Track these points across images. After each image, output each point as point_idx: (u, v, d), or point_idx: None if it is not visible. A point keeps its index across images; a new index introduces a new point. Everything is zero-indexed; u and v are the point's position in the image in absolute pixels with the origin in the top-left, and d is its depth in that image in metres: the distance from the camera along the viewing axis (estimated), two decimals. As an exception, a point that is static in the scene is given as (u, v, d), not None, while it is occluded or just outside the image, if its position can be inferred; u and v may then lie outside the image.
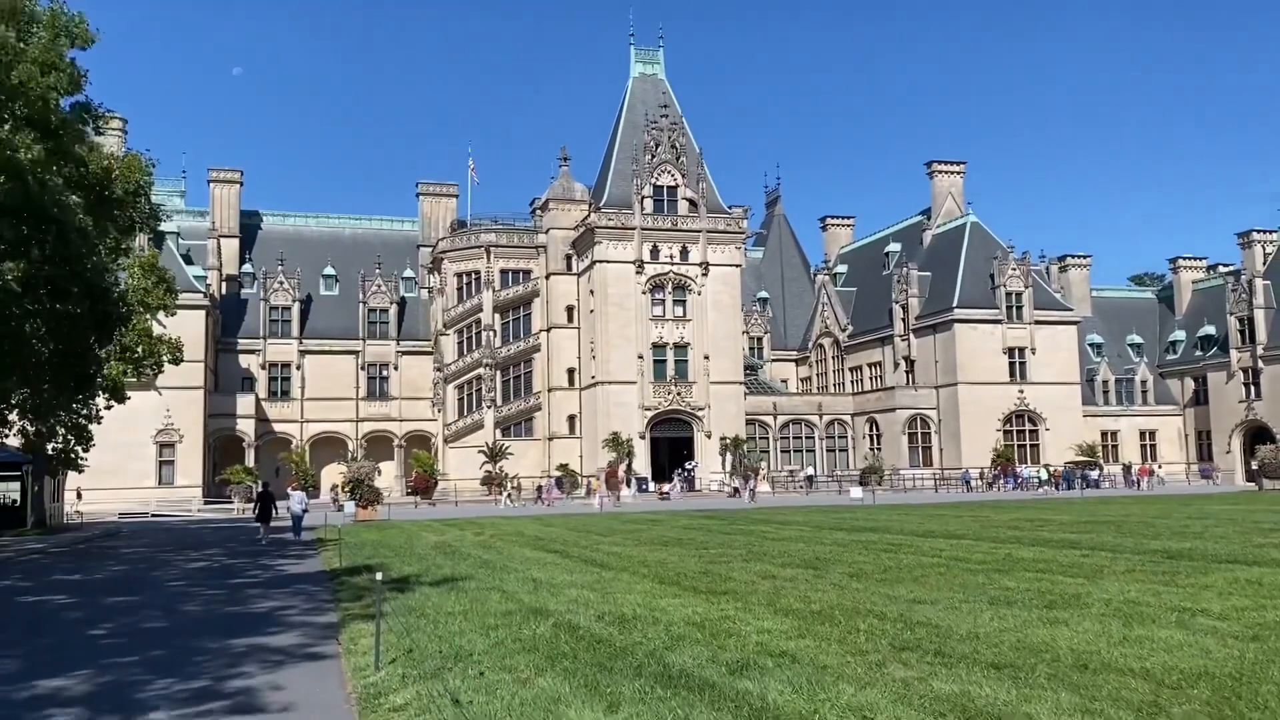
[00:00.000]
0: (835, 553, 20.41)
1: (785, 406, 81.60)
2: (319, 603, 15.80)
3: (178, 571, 22.05)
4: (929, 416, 78.19)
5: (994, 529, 26.79)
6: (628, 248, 71.27)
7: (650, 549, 22.74)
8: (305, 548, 28.53)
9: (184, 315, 63.87)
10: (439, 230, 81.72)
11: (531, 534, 29.72)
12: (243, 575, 20.80)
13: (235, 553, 27.23)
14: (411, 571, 18.91)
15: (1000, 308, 77.54)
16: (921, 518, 33.27)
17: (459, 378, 75.38)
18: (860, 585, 14.88)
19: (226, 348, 75.34)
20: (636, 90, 78.04)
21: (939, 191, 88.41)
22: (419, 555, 22.75)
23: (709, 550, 21.99)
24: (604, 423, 69.34)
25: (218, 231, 77.82)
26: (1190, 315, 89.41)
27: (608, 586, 15.46)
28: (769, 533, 27.05)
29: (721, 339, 72.64)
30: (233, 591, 17.76)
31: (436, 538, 29.48)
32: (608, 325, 70.35)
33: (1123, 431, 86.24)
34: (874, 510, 39.91)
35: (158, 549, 29.52)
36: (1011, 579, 15.30)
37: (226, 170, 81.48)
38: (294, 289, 76.38)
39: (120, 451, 62.91)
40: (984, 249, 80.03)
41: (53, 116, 25.95)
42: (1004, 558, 18.46)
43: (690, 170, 73.41)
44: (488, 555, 22.21)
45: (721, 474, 70.76)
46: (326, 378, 76.49)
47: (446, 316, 76.17)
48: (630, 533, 29.15)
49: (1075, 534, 24.01)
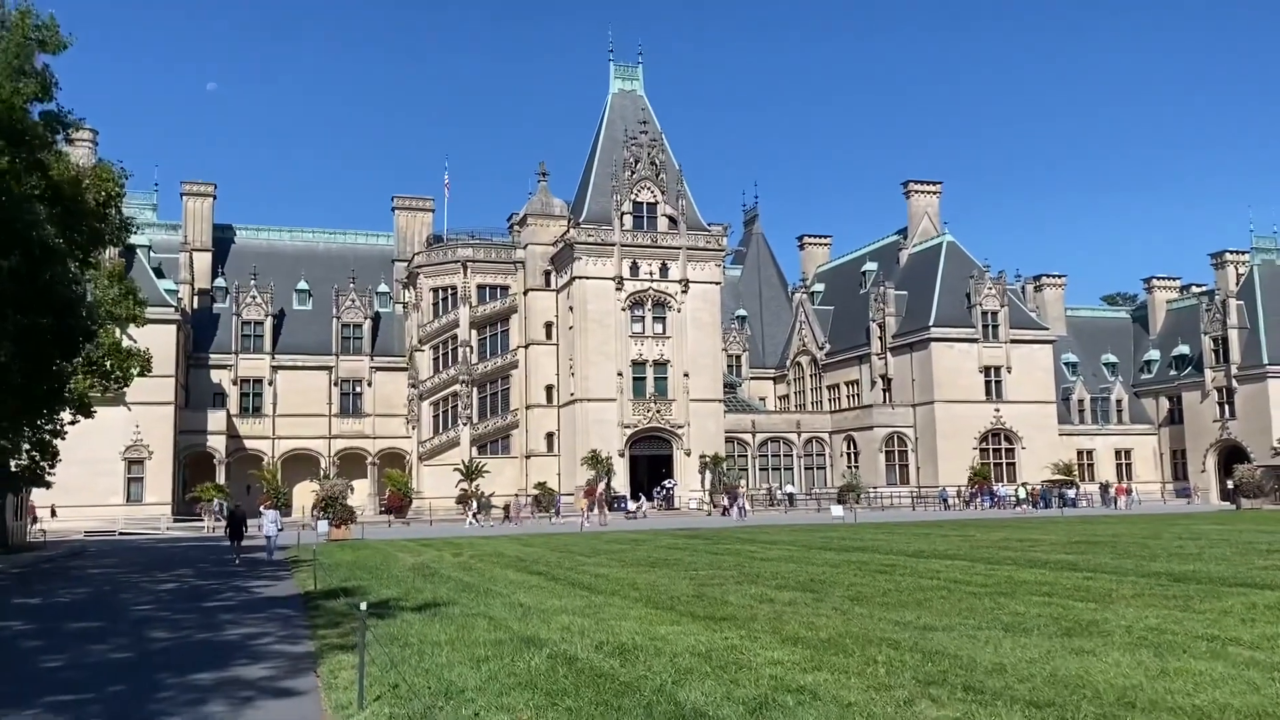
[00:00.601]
0: (830, 574, 19.81)
1: (764, 425, 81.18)
2: (294, 629, 15.00)
3: (145, 594, 21.10)
4: (906, 435, 78.02)
5: (985, 549, 26.32)
6: (607, 264, 70.75)
7: (638, 571, 22.05)
8: (278, 568, 27.61)
9: (155, 329, 62.75)
10: (415, 245, 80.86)
11: (512, 555, 28.94)
12: (214, 598, 19.91)
13: (206, 574, 26.27)
14: (391, 595, 18.12)
15: (976, 327, 77.62)
16: (907, 537, 32.77)
17: (435, 394, 74.38)
18: (863, 610, 14.28)
19: (198, 363, 74.02)
20: (616, 106, 77.73)
21: (915, 211, 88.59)
22: (397, 577, 21.94)
23: (699, 572, 21.34)
24: (583, 440, 68.57)
25: (190, 245, 76.63)
26: (1165, 335, 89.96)
27: (600, 612, 14.76)
28: (757, 553, 26.42)
29: (701, 356, 72.18)
30: (203, 617, 16.89)
31: (414, 558, 28.64)
32: (587, 342, 69.70)
33: (1098, 450, 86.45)
34: (857, 529, 39.39)
35: (125, 570, 28.46)
36: (1019, 603, 14.75)
37: (200, 183, 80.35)
38: (267, 303, 75.21)
39: (87, 468, 61.53)
40: (960, 268, 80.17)
41: (20, 124, 25.10)
42: (1004, 580, 17.94)
43: (670, 187, 73.11)
44: (469, 578, 21.44)
45: (701, 492, 70.15)
46: (299, 394, 75.27)
47: (422, 332, 75.22)
48: (614, 553, 28.44)
49: (1070, 555, 23.56)
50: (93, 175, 25.46)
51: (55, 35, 25.80)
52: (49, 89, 25.79)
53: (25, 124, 25.43)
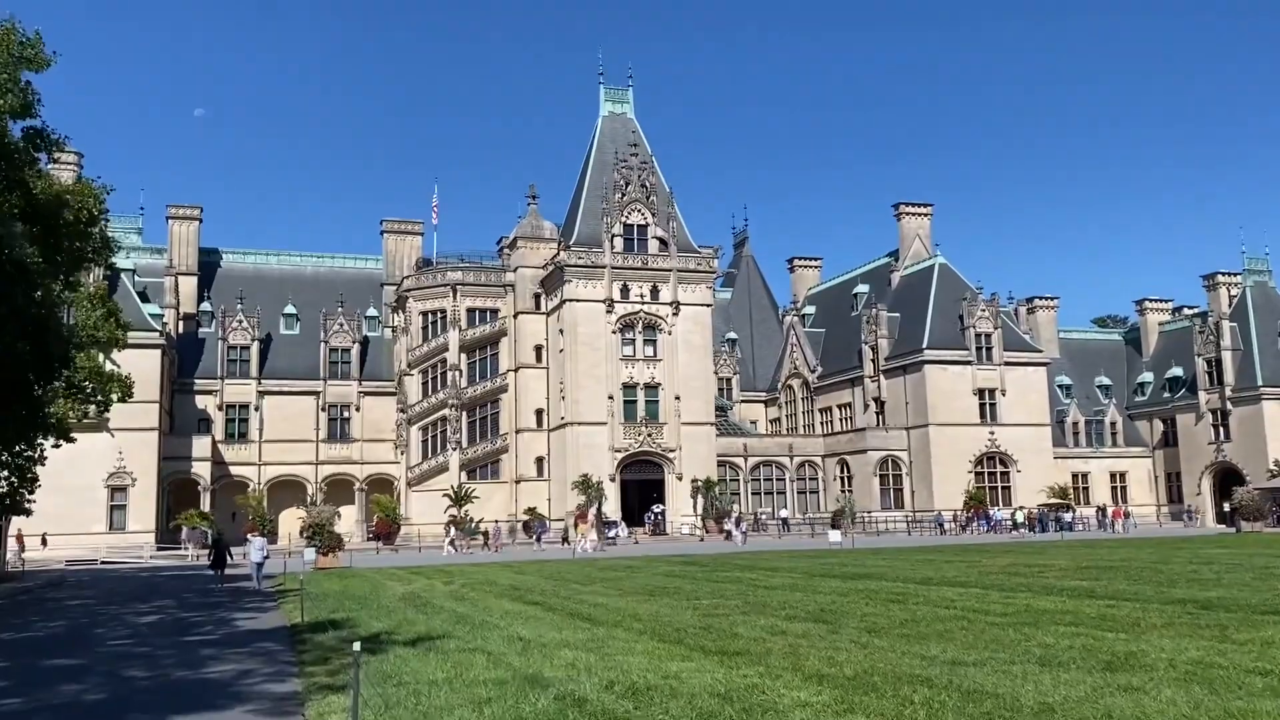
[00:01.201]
0: (840, 603, 19.04)
1: (756, 448, 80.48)
2: (280, 665, 14.14)
3: (124, 628, 20.15)
4: (900, 458, 77.41)
5: (994, 576, 25.58)
6: (598, 286, 70.15)
7: (638, 600, 21.23)
8: (264, 598, 26.68)
9: (139, 354, 61.89)
10: (404, 268, 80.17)
11: (506, 583, 28.06)
12: (196, 632, 18.99)
13: (189, 605, 25.29)
14: (382, 628, 17.27)
15: (970, 349, 77.31)
16: (911, 563, 32.01)
17: (423, 419, 73.41)
18: (884, 643, 13.52)
19: (183, 388, 72.99)
20: (606, 129, 77.41)
21: (907, 233, 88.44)
22: (387, 608, 21.07)
23: (701, 601, 20.53)
24: (573, 464, 67.70)
25: (176, 269, 75.77)
26: (1157, 357, 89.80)
27: (604, 646, 13.96)
28: (759, 580, 25.61)
29: (693, 379, 71.50)
30: (184, 652, 15.99)
31: (404, 587, 27.75)
32: (577, 365, 68.98)
33: (1093, 473, 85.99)
34: (857, 555, 38.61)
35: (104, 601, 27.44)
36: (1046, 633, 14.03)
37: (185, 207, 79.57)
38: (253, 328, 74.33)
39: (69, 495, 60.42)
40: (953, 290, 79.90)
41: (1, 140, 24.36)
42: (1024, 609, 17.20)
43: (660, 209, 72.68)
44: (462, 608, 20.58)
45: (693, 517, 69.26)
46: (286, 419, 74.24)
47: (411, 356, 74.36)
48: (610, 581, 27.60)
49: (1084, 581, 22.84)
50: (74, 192, 24.67)
51: (39, 52, 25.06)
52: (31, 106, 25.03)
53: (6, 141, 24.69)
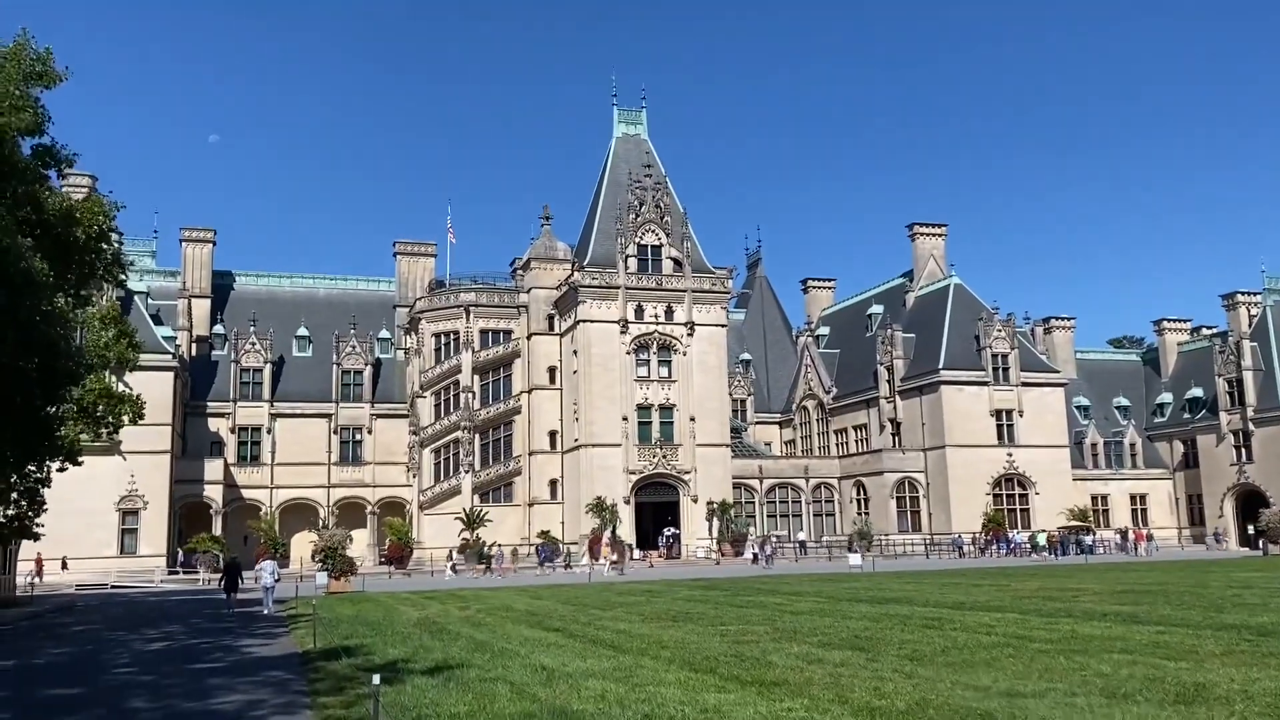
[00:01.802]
0: (873, 629, 18.29)
1: (771, 470, 79.64)
2: (292, 695, 13.49)
3: (130, 655, 19.51)
4: (917, 480, 76.45)
5: (1027, 600, 24.76)
6: (612, 307, 69.66)
7: (661, 626, 20.50)
8: (275, 624, 26.03)
9: (152, 377, 61.53)
10: (416, 290, 79.85)
11: (522, 608, 27.34)
12: (204, 659, 18.35)
13: (198, 630, 24.65)
14: (398, 655, 16.60)
15: (987, 369, 76.43)
16: (938, 586, 31.17)
17: (436, 441, 72.82)
18: (929, 672, 12.80)
19: (195, 411, 72.60)
20: (619, 150, 77.17)
21: (921, 254, 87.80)
22: (402, 634, 20.39)
23: (728, 627, 19.80)
24: (587, 487, 66.94)
25: (189, 292, 75.56)
26: (1177, 378, 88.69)
27: (633, 675, 13.26)
28: (784, 605, 24.85)
29: (708, 400, 70.79)
30: (191, 681, 15.34)
31: (418, 613, 27.08)
32: (591, 386, 68.37)
33: (1113, 495, 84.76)
34: (880, 579, 37.74)
35: (112, 627, 26.82)
36: (1099, 661, 13.28)
37: (199, 229, 79.50)
38: (266, 350, 73.98)
39: (80, 519, 60.03)
40: (968, 310, 79.13)
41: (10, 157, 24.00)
42: (1069, 635, 16.44)
43: (674, 230, 72.25)
44: (480, 634, 19.89)
45: (708, 540, 68.33)
46: (298, 442, 73.76)
47: (424, 378, 73.88)
48: (630, 606, 26.86)
49: (1124, 606, 22.02)
50: (84, 208, 24.27)
51: (50, 69, 24.77)
52: (41, 123, 24.72)
53: (16, 158, 24.34)
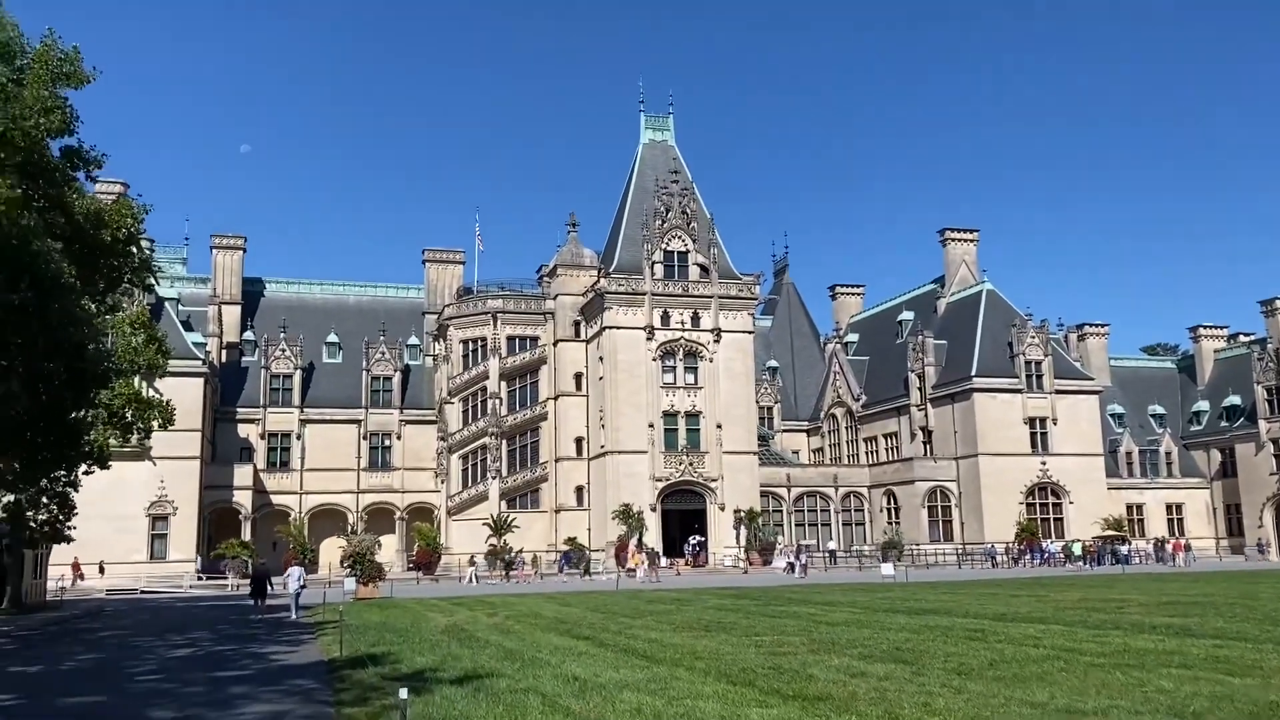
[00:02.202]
0: (914, 641, 17.70)
1: (799, 478, 78.84)
2: (317, 706, 13.11)
3: (154, 662, 19.25)
4: (949, 489, 75.41)
5: (1070, 611, 24.04)
6: (638, 313, 69.28)
7: (693, 635, 19.99)
8: (301, 630, 25.76)
9: (182, 383, 61.84)
10: (445, 297, 79.89)
11: (550, 615, 26.92)
12: (229, 667, 18.04)
13: (224, 637, 24.41)
14: (425, 664, 16.21)
15: (1020, 376, 75.35)
16: (975, 597, 30.44)
17: (463, 447, 72.70)
18: (979, 686, 12.24)
19: (225, 416, 72.92)
20: (646, 156, 76.86)
21: (952, 259, 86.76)
22: (430, 641, 20.02)
23: (762, 637, 19.26)
24: (613, 494, 66.51)
25: (219, 298, 75.94)
26: (1213, 385, 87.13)
27: (668, 687, 12.79)
28: (818, 615, 24.27)
29: (734, 407, 70.18)
30: (214, 689, 15.02)
31: (446, 619, 26.72)
32: (617, 393, 67.98)
33: (1148, 504, 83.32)
34: (915, 589, 37.00)
35: (139, 632, 26.66)
36: (1160, 677, 12.66)
37: (229, 236, 79.95)
38: (296, 356, 74.22)
39: (111, 524, 60.37)
40: (1001, 317, 78.09)
41: (40, 159, 23.96)
42: (1122, 648, 15.79)
43: (701, 235, 71.80)
44: (509, 642, 19.48)
45: (735, 548, 67.68)
46: (327, 448, 73.89)
47: (452, 384, 73.81)
48: (660, 614, 26.37)
49: (1173, 618, 21.27)
50: (112, 210, 24.16)
51: (78, 69, 24.71)
52: (70, 124, 24.65)
53: (46, 160, 24.29)
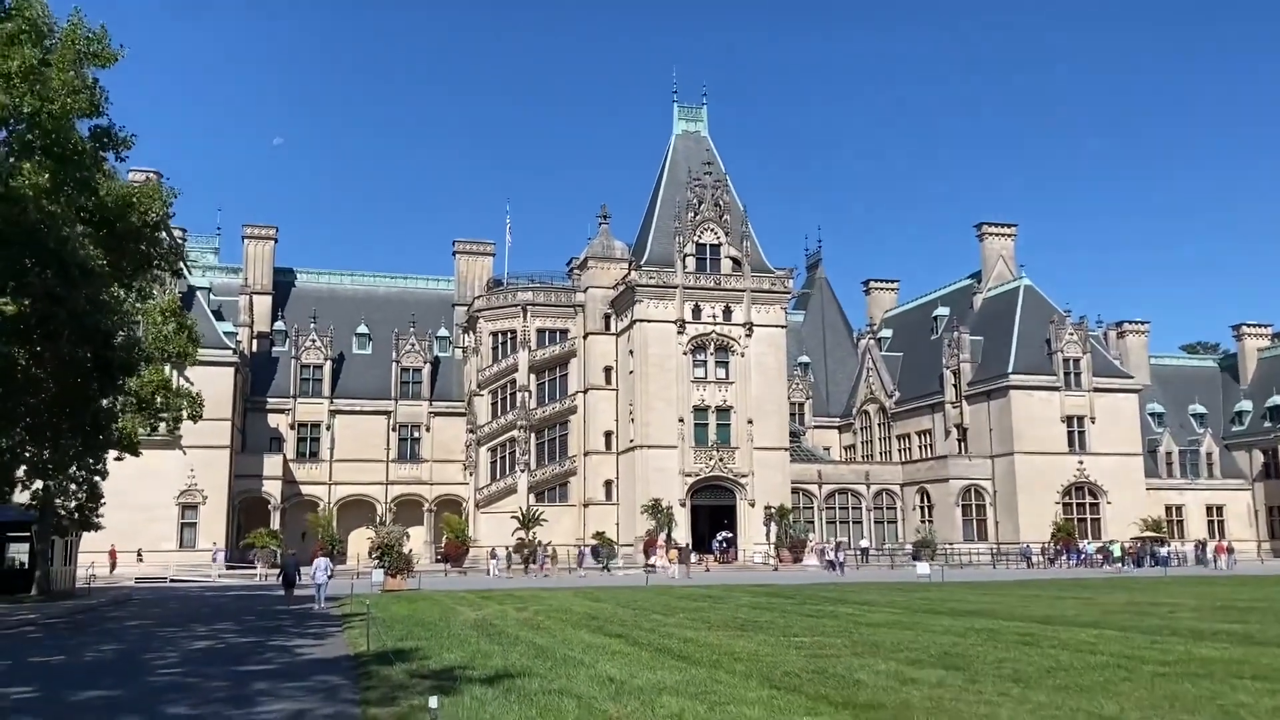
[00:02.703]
0: (962, 645, 16.93)
1: (831, 475, 77.87)
2: (341, 705, 12.58)
3: (176, 654, 18.85)
4: (984, 488, 74.20)
5: (1119, 615, 23.14)
6: (669, 307, 68.57)
7: (729, 635, 19.33)
8: (327, 622, 25.36)
9: (212, 372, 61.95)
10: (475, 289, 79.60)
11: (581, 611, 26.34)
12: (252, 660, 17.60)
13: (249, 629, 24.04)
14: (454, 661, 15.66)
15: (1058, 374, 73.94)
16: (1018, 599, 29.55)
17: (492, 440, 72.39)
18: (1042, 697, 11.50)
19: (255, 406, 73.07)
20: (679, 147, 76.09)
21: (989, 254, 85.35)
22: (459, 637, 19.49)
23: (800, 638, 18.56)
24: (642, 489, 65.91)
25: (250, 288, 76.04)
26: (1257, 384, 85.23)
27: (710, 691, 12.15)
28: (857, 616, 23.51)
29: (766, 402, 69.35)
30: (236, 685, 14.54)
31: (474, 613, 26.23)
32: (647, 386, 67.35)
33: (1188, 506, 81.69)
34: (953, 589, 36.10)
35: (164, 622, 26.37)
36: (1235, 690, 11.87)
37: (261, 227, 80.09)
38: (326, 347, 74.24)
39: (141, 513, 60.58)
40: (1039, 313, 76.69)
41: (67, 141, 23.60)
42: (1184, 657, 14.96)
43: (734, 228, 70.96)
44: (540, 639, 18.91)
45: (765, 545, 66.91)
46: (356, 439, 73.88)
47: (481, 377, 73.50)
48: (692, 612, 25.72)
49: (1231, 624, 20.35)
50: (140, 193, 23.80)
51: (105, 47, 24.36)
52: (98, 105, 24.31)
53: (75, 142, 23.93)
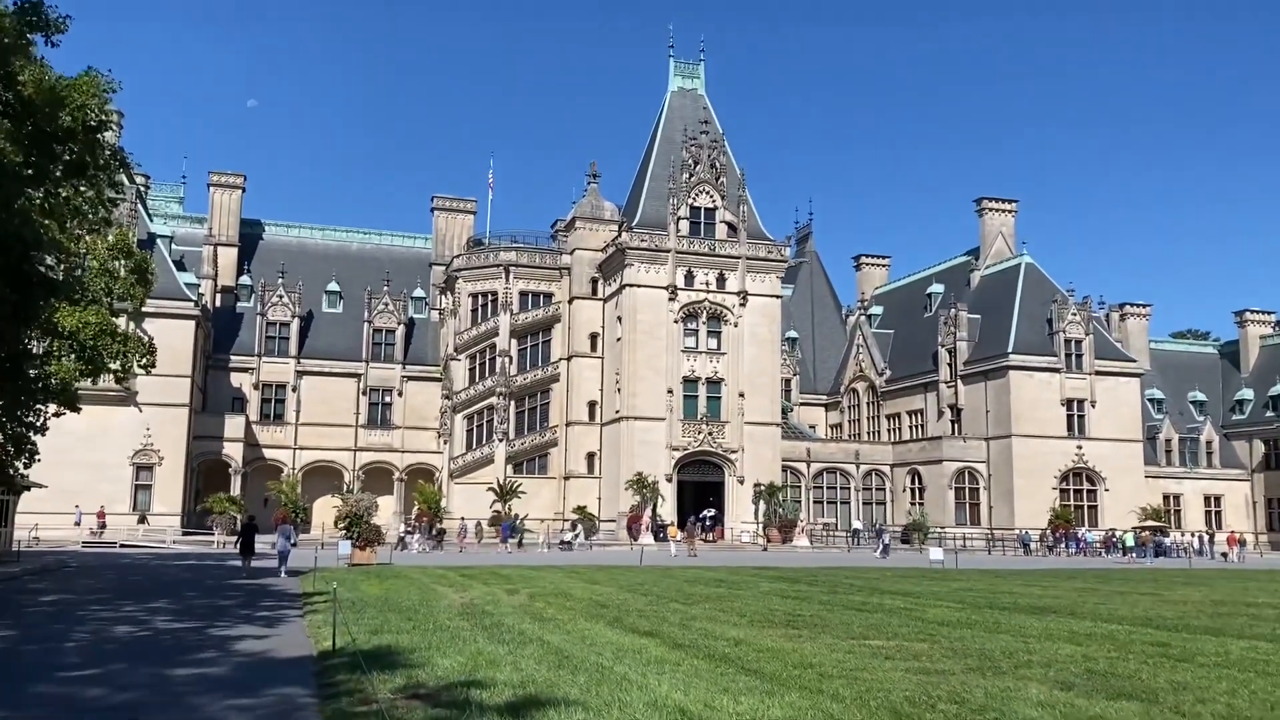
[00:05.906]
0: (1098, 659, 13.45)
1: (820, 454, 74.94)
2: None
3: (88, 644, 14.98)
4: (978, 470, 71.54)
5: (1219, 616, 19.88)
6: (660, 272, 64.95)
7: (785, 636, 15.79)
8: (285, 602, 21.62)
9: (171, 325, 57.93)
10: (454, 248, 75.55)
11: (583, 597, 22.77)
12: (184, 656, 13.83)
13: (190, 609, 20.19)
14: (452, 671, 11.99)
15: (1059, 355, 71.28)
16: (1077, 592, 26.24)
17: (469, 407, 68.59)
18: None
19: (217, 364, 68.83)
20: (674, 105, 72.26)
21: (989, 230, 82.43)
22: (449, 631, 15.86)
23: (874, 642, 15.04)
24: (627, 462, 62.52)
25: (215, 239, 71.48)
26: (1258, 373, 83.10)
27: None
28: (913, 610, 20.07)
29: (759, 376, 66.10)
30: (154, 696, 10.86)
31: (459, 596, 22.62)
32: (635, 355, 63.79)
33: (1186, 495, 79.59)
34: (981, 578, 32.89)
35: (90, 598, 22.46)
36: None
37: (228, 174, 75.53)
38: (294, 304, 69.98)
39: (90, 472, 56.59)
40: (1039, 292, 73.91)
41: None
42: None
43: (730, 192, 67.34)
44: (551, 635, 15.33)
45: (754, 524, 63.82)
46: (324, 401, 69.82)
47: (458, 340, 69.57)
48: (713, 601, 22.25)
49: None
50: (73, 86, 19.73)
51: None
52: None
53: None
